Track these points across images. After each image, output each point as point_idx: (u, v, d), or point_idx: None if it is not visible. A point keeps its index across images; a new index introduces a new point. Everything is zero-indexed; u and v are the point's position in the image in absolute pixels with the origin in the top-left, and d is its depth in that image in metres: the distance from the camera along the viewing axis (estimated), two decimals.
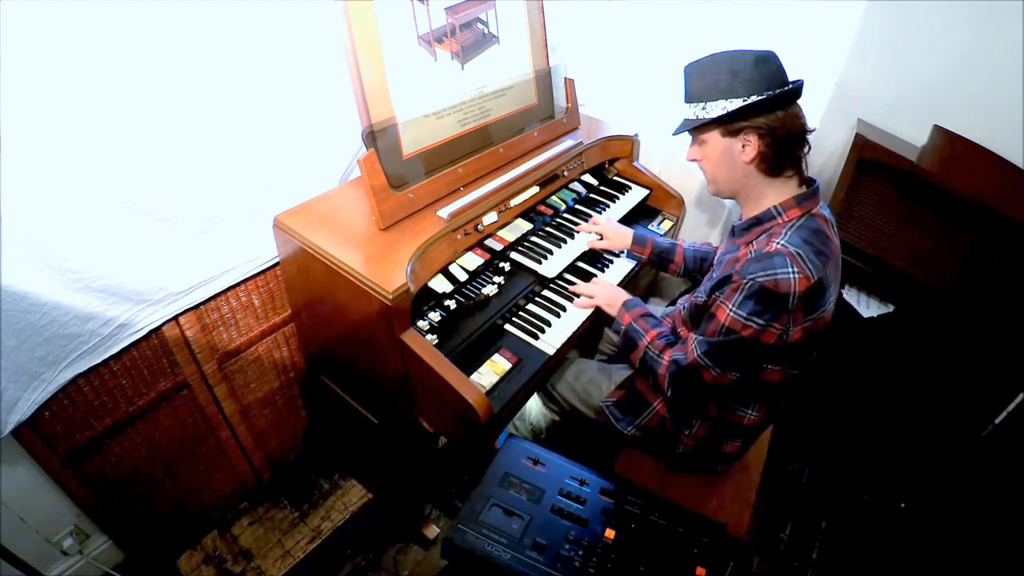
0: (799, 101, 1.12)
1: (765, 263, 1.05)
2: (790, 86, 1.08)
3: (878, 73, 1.82)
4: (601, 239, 1.61)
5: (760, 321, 1.07)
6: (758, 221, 1.16)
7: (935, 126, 1.78)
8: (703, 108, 1.12)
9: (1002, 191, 1.64)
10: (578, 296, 1.50)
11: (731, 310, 1.09)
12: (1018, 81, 1.63)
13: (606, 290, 1.47)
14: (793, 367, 1.19)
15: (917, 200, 1.76)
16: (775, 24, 1.70)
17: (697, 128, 1.15)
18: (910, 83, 1.80)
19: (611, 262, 1.65)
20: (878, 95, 1.86)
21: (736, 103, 1.08)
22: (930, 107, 1.79)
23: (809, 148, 1.14)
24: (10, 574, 1.20)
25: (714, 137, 1.14)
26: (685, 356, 1.19)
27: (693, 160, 1.22)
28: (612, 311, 1.42)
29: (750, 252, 1.11)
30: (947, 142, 1.74)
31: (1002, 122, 1.69)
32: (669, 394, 1.25)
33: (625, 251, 1.62)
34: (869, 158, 1.77)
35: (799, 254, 1.04)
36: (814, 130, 1.13)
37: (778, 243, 1.07)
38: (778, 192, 1.14)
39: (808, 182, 1.16)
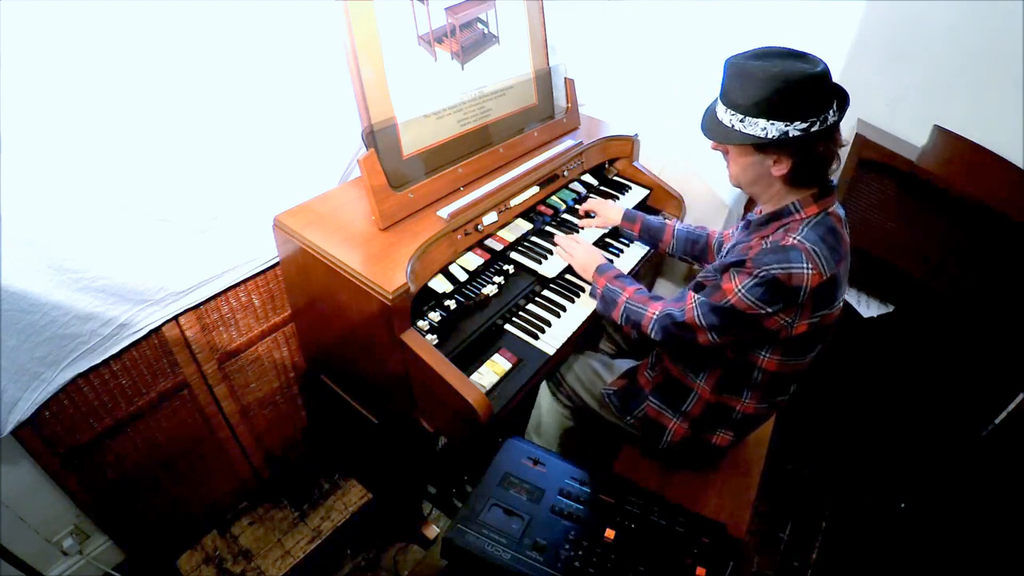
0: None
1: (780, 255, 1.06)
2: (834, 115, 1.03)
3: (878, 73, 1.81)
4: (594, 219, 1.66)
5: (768, 308, 1.08)
6: (775, 216, 1.15)
7: (935, 126, 1.78)
8: (740, 120, 1.04)
9: (1001, 191, 1.64)
10: (556, 245, 1.52)
11: (740, 290, 1.09)
12: (1018, 81, 1.63)
13: (585, 252, 1.46)
14: (791, 358, 1.20)
15: (917, 200, 1.76)
16: (775, 24, 1.70)
17: None
18: (910, 83, 1.80)
19: (618, 254, 1.66)
20: (878, 95, 1.86)
21: (779, 126, 1.01)
22: (930, 107, 1.79)
23: (839, 164, 1.12)
24: (10, 574, 1.20)
25: (746, 148, 1.09)
26: (683, 312, 1.18)
27: (717, 150, 1.17)
28: (586, 275, 1.43)
29: (764, 243, 1.11)
30: (947, 142, 1.74)
31: (1002, 122, 1.68)
32: (657, 340, 1.25)
33: (635, 240, 1.66)
34: (869, 158, 1.77)
35: (815, 251, 1.05)
36: (845, 145, 1.12)
37: (795, 238, 1.07)
38: (797, 194, 1.13)
39: None
